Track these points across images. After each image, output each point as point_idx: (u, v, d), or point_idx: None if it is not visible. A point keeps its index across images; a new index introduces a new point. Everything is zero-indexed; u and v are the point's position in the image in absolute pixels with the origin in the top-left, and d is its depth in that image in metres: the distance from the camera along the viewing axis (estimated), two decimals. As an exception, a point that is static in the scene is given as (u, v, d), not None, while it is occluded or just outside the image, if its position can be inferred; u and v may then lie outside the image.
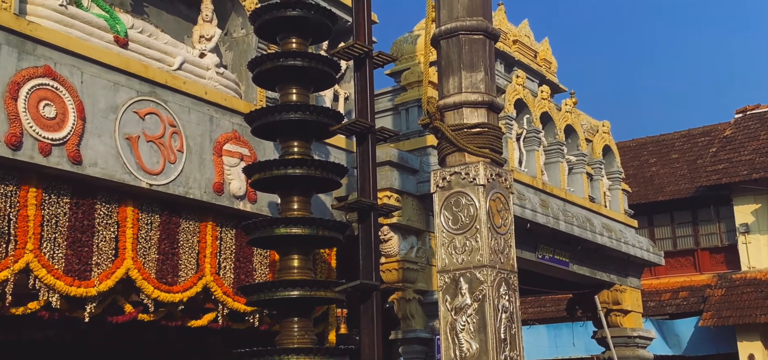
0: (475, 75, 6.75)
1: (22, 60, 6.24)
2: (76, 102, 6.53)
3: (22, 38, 6.26)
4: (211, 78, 8.04)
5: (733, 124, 19.73)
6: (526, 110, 11.28)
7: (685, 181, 19.56)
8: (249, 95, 8.45)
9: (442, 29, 6.98)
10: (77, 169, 6.49)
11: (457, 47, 6.84)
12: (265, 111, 7.21)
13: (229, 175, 7.78)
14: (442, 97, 6.91)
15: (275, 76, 7.27)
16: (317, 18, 7.21)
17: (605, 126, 13.48)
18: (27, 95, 6.20)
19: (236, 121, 7.97)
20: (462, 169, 6.51)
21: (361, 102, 7.71)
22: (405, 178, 9.11)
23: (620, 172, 13.81)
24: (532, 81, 12.41)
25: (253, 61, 7.31)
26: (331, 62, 7.37)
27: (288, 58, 7.08)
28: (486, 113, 6.74)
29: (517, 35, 12.31)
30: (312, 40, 7.61)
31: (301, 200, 7.17)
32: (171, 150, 7.26)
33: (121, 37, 7.19)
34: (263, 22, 7.26)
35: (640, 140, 22.03)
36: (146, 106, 7.13)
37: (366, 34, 7.73)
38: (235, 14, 8.62)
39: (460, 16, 6.86)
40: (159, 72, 7.36)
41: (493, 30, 6.98)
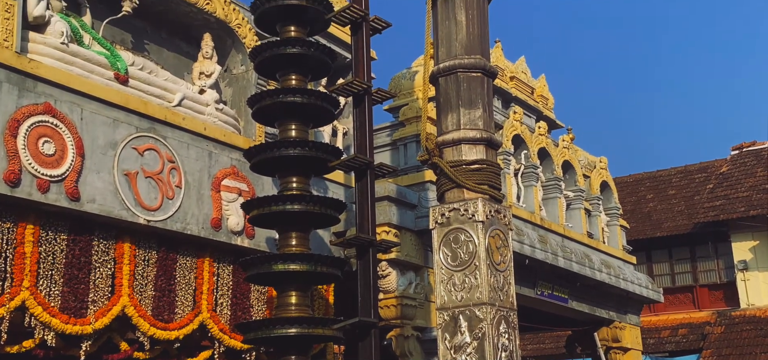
0: (474, 112, 6.80)
1: (23, 97, 6.27)
2: (75, 138, 6.54)
3: (22, 76, 6.29)
4: (210, 114, 8.07)
5: (730, 160, 19.83)
6: (524, 146, 11.33)
7: (683, 218, 19.58)
8: (248, 131, 8.48)
9: (440, 67, 7.05)
10: (75, 206, 6.47)
11: (455, 85, 6.90)
12: (264, 147, 7.23)
13: (227, 211, 7.77)
14: (441, 133, 6.94)
15: (274, 112, 7.30)
16: (316, 55, 7.27)
17: (602, 162, 13.54)
18: (27, 132, 6.22)
19: (235, 157, 7.98)
20: (461, 205, 6.51)
21: (360, 138, 7.73)
22: (403, 214, 9.10)
23: (618, 208, 13.82)
24: (530, 117, 12.50)
25: (252, 97, 7.35)
26: (330, 99, 7.41)
27: (287, 95, 7.12)
28: (484, 150, 6.77)
29: (514, 72, 12.43)
30: (311, 77, 7.67)
31: (299, 236, 7.14)
32: (169, 186, 7.25)
33: (121, 74, 7.23)
34: (263, 59, 7.32)
35: (638, 176, 22.11)
36: (145, 142, 7.14)
37: (365, 71, 7.78)
38: (234, 51, 8.69)
39: (458, 54, 6.94)
40: (159, 108, 7.39)
41: (490, 68, 7.05)
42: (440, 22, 7.17)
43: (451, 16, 7.06)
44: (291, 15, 7.28)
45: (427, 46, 7.33)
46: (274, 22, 7.41)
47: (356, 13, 7.66)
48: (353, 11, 7.64)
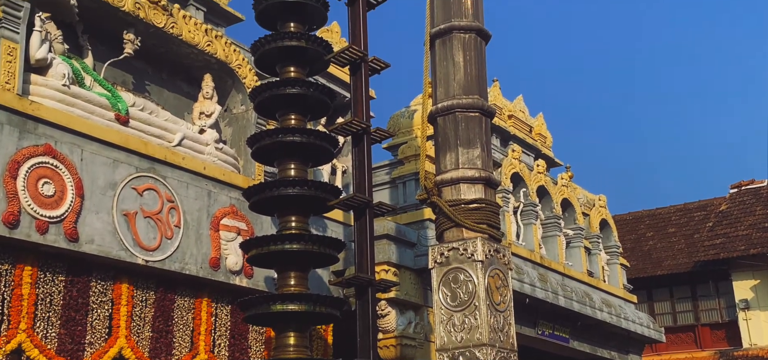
0: (472, 151, 6.83)
1: (23, 139, 6.30)
2: (75, 179, 6.55)
3: (23, 118, 6.34)
4: (210, 153, 8.10)
5: (729, 198, 19.83)
6: (523, 184, 11.35)
7: (683, 256, 19.51)
8: (247, 169, 8.50)
9: (438, 107, 7.10)
10: (73, 247, 6.45)
11: (453, 124, 6.94)
12: (263, 186, 7.24)
13: (226, 250, 7.74)
14: (439, 172, 6.96)
15: (274, 151, 7.33)
16: (316, 95, 7.33)
17: (601, 200, 13.55)
18: (27, 173, 6.23)
19: (234, 196, 7.99)
20: (460, 244, 6.50)
21: (359, 177, 7.75)
22: (403, 252, 9.08)
23: (618, 247, 13.79)
24: (528, 155, 12.54)
25: (252, 137, 7.39)
26: (329, 138, 7.45)
27: (287, 135, 7.15)
28: (483, 189, 6.78)
29: (513, 110, 12.52)
30: (310, 116, 7.71)
31: (298, 276, 7.11)
32: (168, 225, 7.25)
33: (122, 115, 7.28)
34: (263, 99, 7.37)
35: (637, 214, 22.09)
36: (145, 182, 7.15)
37: (364, 111, 7.84)
38: (235, 91, 8.76)
39: (456, 94, 6.99)
40: (158, 148, 7.43)
41: (488, 108, 7.10)
42: (438, 63, 7.25)
43: (448, 57, 7.13)
44: (291, 56, 7.36)
45: (425, 85, 7.39)
46: (273, 63, 7.49)
47: (355, 54, 7.74)
48: (352, 52, 7.72)
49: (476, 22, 7.18)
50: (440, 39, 7.23)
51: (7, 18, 6.39)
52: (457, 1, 7.17)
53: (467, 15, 7.14)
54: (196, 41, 8.17)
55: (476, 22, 7.18)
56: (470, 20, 7.14)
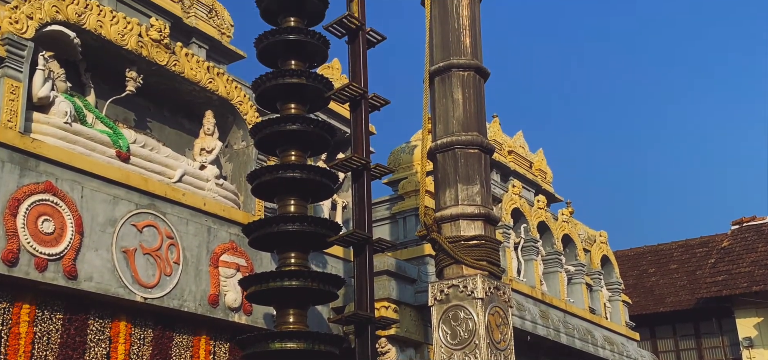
0: (471, 188, 6.83)
1: (24, 176, 6.33)
2: (74, 216, 6.56)
3: (25, 156, 6.37)
4: (210, 189, 8.12)
5: (731, 235, 19.76)
6: (523, 219, 11.34)
7: (686, 293, 19.37)
8: (248, 205, 8.51)
9: (438, 143, 7.12)
10: (72, 284, 6.43)
11: (453, 161, 6.96)
12: (263, 222, 7.23)
13: (225, 287, 7.71)
14: (439, 209, 6.96)
15: (274, 187, 7.34)
16: (316, 132, 7.37)
17: (602, 236, 13.51)
18: (27, 211, 6.24)
19: (234, 232, 7.98)
20: (460, 281, 6.46)
21: (359, 213, 7.75)
22: (403, 288, 9.03)
23: (619, 283, 13.70)
24: (529, 190, 12.54)
25: (252, 173, 7.41)
26: (329, 174, 7.47)
27: (287, 171, 7.17)
28: (483, 225, 6.77)
29: (512, 146, 12.55)
30: (311, 152, 7.74)
31: (297, 313, 7.06)
32: (167, 262, 7.23)
33: (123, 152, 7.32)
34: (263, 135, 7.41)
35: (639, 249, 22.00)
36: (145, 219, 7.16)
37: (364, 147, 7.86)
38: (236, 127, 8.81)
39: (456, 130, 7.02)
40: (159, 184, 7.45)
41: (488, 144, 7.13)
42: (438, 100, 7.29)
43: (448, 94, 7.18)
44: (291, 93, 7.42)
45: (424, 122, 7.43)
46: (274, 100, 7.54)
47: (355, 91, 7.80)
48: (352, 89, 7.78)
49: (475, 60, 7.24)
50: (439, 76, 7.29)
51: (11, 57, 6.47)
52: (455, 39, 7.25)
53: (466, 53, 7.21)
54: (198, 78, 8.25)
55: (475, 60, 7.24)
56: (469, 58, 7.21)
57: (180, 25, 8.79)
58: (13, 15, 6.51)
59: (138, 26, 7.66)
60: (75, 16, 7.08)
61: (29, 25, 6.61)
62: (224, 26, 9.43)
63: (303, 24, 7.54)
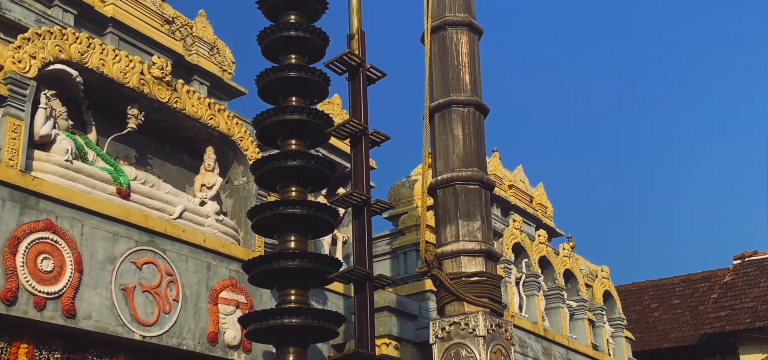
0: (472, 224, 6.82)
1: (24, 214, 6.32)
2: (74, 254, 6.54)
3: (25, 194, 6.37)
4: (210, 225, 8.10)
5: (733, 270, 19.64)
6: (525, 254, 11.29)
7: (689, 328, 19.19)
8: (248, 241, 8.48)
9: (438, 179, 7.13)
10: (71, 323, 6.38)
11: (453, 196, 6.97)
12: (263, 259, 7.20)
13: (225, 324, 7.65)
14: (440, 245, 6.94)
15: (274, 224, 7.32)
16: (316, 167, 7.37)
17: (604, 271, 13.45)
18: (26, 249, 6.22)
19: (234, 268, 7.94)
20: (461, 319, 6.42)
21: (359, 249, 7.72)
22: (404, 324, 8.96)
23: (622, 319, 13.60)
24: (529, 225, 12.52)
25: (252, 209, 7.40)
26: (329, 210, 7.46)
27: (287, 207, 7.16)
28: (484, 262, 6.74)
29: (513, 180, 12.56)
30: (311, 188, 7.74)
31: (297, 351, 6.99)
32: (166, 300, 7.18)
33: (123, 189, 7.32)
34: (264, 172, 7.42)
35: (640, 284, 21.86)
36: (144, 256, 7.13)
37: (364, 183, 7.87)
38: (236, 163, 8.83)
39: (456, 166, 7.04)
40: (159, 221, 7.44)
41: (488, 180, 7.14)
42: (438, 136, 7.33)
43: (448, 130, 7.22)
44: (292, 129, 7.44)
45: (425, 158, 7.45)
46: (275, 136, 7.57)
47: (355, 127, 7.83)
48: (352, 126, 7.81)
49: (474, 96, 7.30)
50: (439, 113, 7.33)
51: (13, 96, 6.51)
52: (455, 76, 7.31)
53: (465, 90, 7.26)
54: (199, 115, 8.29)
55: (474, 97, 7.30)
56: (469, 95, 7.26)
57: (182, 62, 8.86)
58: (16, 54, 6.57)
59: (140, 64, 7.72)
60: (78, 55, 7.14)
61: (32, 65, 6.66)
62: (226, 63, 9.51)
63: (304, 61, 7.61)
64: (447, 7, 7.44)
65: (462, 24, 7.39)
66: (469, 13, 7.50)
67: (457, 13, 7.40)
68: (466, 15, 7.44)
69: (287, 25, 7.49)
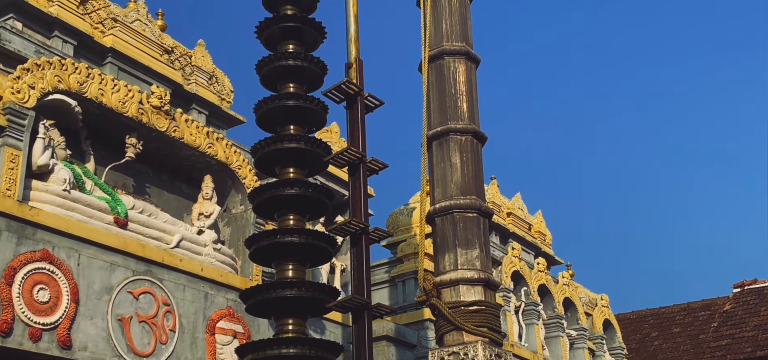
0: (471, 252, 6.80)
1: (21, 245, 6.30)
2: (70, 284, 6.51)
3: (22, 224, 6.37)
4: (207, 254, 8.08)
5: (733, 298, 19.55)
6: (524, 283, 11.25)
7: (689, 357, 19.03)
8: (245, 270, 8.44)
9: (436, 207, 7.13)
10: (66, 355, 6.33)
11: (451, 225, 6.95)
12: (260, 288, 7.15)
13: (222, 354, 7.58)
14: (438, 273, 6.91)
15: (272, 252, 7.29)
16: (314, 196, 7.36)
17: (604, 300, 13.38)
18: (22, 280, 6.19)
19: (231, 298, 7.90)
20: (460, 349, 6.37)
21: (357, 278, 7.67)
22: (403, 353, 8.89)
23: (622, 348, 13.50)
24: (528, 253, 12.48)
25: (250, 238, 7.37)
26: (327, 239, 7.43)
27: (285, 235, 7.13)
28: (483, 291, 6.71)
29: (511, 208, 12.55)
30: (309, 217, 7.73)
31: (295, 382, 6.91)
32: (163, 330, 7.12)
33: (121, 218, 7.31)
34: (262, 200, 7.41)
35: (640, 312, 21.73)
36: (141, 286, 7.09)
37: (362, 211, 7.85)
38: (234, 191, 8.83)
39: (454, 195, 7.04)
40: (156, 250, 7.41)
41: (486, 208, 7.13)
42: (436, 164, 7.34)
43: (446, 158, 7.23)
44: (290, 157, 7.45)
45: (423, 186, 7.45)
46: (273, 164, 7.57)
47: (353, 155, 7.84)
48: (350, 154, 7.82)
49: (472, 124, 7.32)
50: (437, 141, 7.35)
51: (12, 126, 6.52)
52: (453, 104, 7.34)
53: (463, 118, 7.29)
54: (198, 144, 8.30)
55: (472, 125, 7.32)
56: (466, 123, 7.29)
57: (181, 91, 8.90)
58: (15, 85, 6.60)
59: (139, 94, 7.75)
60: (77, 85, 7.18)
61: (31, 95, 6.69)
62: (224, 92, 9.55)
63: (302, 90, 7.64)
64: (444, 36, 7.50)
65: (459, 53, 7.44)
66: (467, 42, 7.56)
67: (455, 42, 7.45)
68: (463, 44, 7.49)
69: (285, 55, 7.54)
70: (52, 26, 7.80)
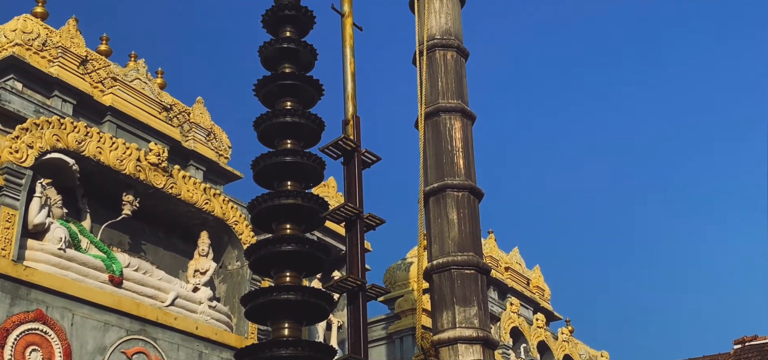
0: (469, 310, 6.75)
1: (15, 305, 6.24)
2: (63, 345, 6.41)
3: (16, 284, 6.32)
4: (203, 312, 7.99)
5: (733, 354, 19.31)
6: (523, 339, 11.11)
7: (692, 415, 18.70)
8: (241, 328, 8.34)
9: (434, 264, 7.10)
10: (56, 417, 6.20)
11: (449, 282, 6.92)
12: (256, 348, 7.04)
13: (216, 415, 7.43)
14: (436, 331, 6.84)
15: (268, 310, 7.21)
16: (311, 252, 7.32)
17: (604, 356, 13.22)
18: (15, 342, 6.11)
19: (226, 357, 7.78)
20: (459, 409, 6.26)
21: (354, 336, 7.58)
22: (400, 414, 8.71)
23: (624, 405, 13.28)
24: (527, 308, 12.37)
25: (246, 296, 7.29)
26: (324, 296, 7.36)
27: (281, 293, 7.06)
28: (481, 350, 6.64)
29: (509, 262, 12.49)
30: (306, 273, 7.67)
31: None
32: (157, 390, 7.00)
33: (116, 277, 7.26)
34: (258, 257, 7.36)
35: (642, 367, 21.42)
36: (135, 346, 6.99)
37: (359, 267, 7.80)
38: (231, 247, 8.78)
39: (451, 251, 7.03)
40: (151, 309, 7.33)
41: (484, 265, 7.11)
42: (433, 220, 7.34)
43: (443, 214, 7.24)
44: (287, 213, 7.42)
45: (420, 242, 7.44)
46: (270, 220, 7.54)
47: (350, 211, 7.83)
48: (347, 210, 7.81)
49: (469, 180, 7.36)
50: (434, 197, 7.38)
51: (9, 186, 6.53)
52: (449, 160, 7.39)
53: (460, 174, 7.33)
54: (195, 200, 8.30)
55: (469, 181, 7.35)
56: (463, 179, 7.32)
57: (179, 148, 8.94)
58: (13, 145, 6.63)
59: (137, 151, 7.79)
60: (75, 144, 7.21)
61: (29, 154, 6.71)
62: (222, 148, 9.60)
63: (299, 146, 7.67)
64: (440, 93, 7.60)
65: (455, 110, 7.53)
66: (462, 99, 7.65)
67: (450, 99, 7.55)
68: (459, 101, 7.58)
69: (283, 111, 7.60)
70: (52, 86, 7.88)
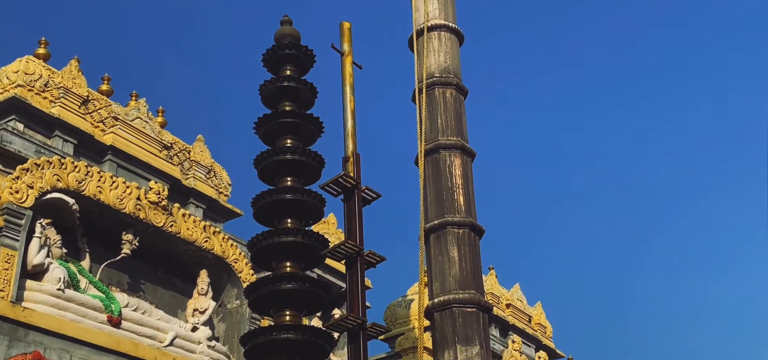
0: (471, 349, 6.68)
1: (13, 347, 6.18)
2: (60, 386, 6.34)
3: (15, 325, 6.28)
4: (202, 352, 7.91)
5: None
6: (525, 377, 10.98)
7: None
8: (240, 368, 8.24)
9: (435, 302, 7.05)
10: None
11: (450, 320, 6.86)
12: (256, 388, 6.96)
13: None
14: (438, 371, 6.76)
15: (268, 349, 7.13)
16: (311, 290, 7.27)
17: (608, 392, 13.05)
18: (10, 385, 6.04)
19: (225, 398, 7.68)
20: None
21: (355, 375, 7.49)
22: None
23: None
24: (529, 346, 12.24)
25: (245, 335, 7.22)
26: (324, 335, 7.29)
27: (281, 332, 6.99)
28: (484, 389, 6.55)
29: (510, 299, 12.40)
30: (306, 312, 7.61)
31: None
32: (154, 433, 6.89)
33: (114, 317, 7.20)
34: (258, 295, 7.31)
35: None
36: (133, 386, 6.91)
37: (359, 306, 7.74)
38: (230, 285, 8.73)
39: (453, 289, 6.98)
40: (149, 349, 7.26)
41: (485, 303, 7.05)
42: (433, 257, 7.31)
43: (443, 252, 7.21)
44: (286, 251, 7.39)
45: (421, 280, 7.39)
46: (270, 258, 7.51)
47: (351, 248, 7.80)
48: (347, 247, 7.78)
49: (469, 217, 7.34)
50: (435, 234, 7.35)
51: (9, 226, 6.52)
52: (449, 197, 7.38)
53: (460, 211, 7.31)
54: (194, 238, 8.28)
55: (469, 218, 7.34)
56: (463, 216, 7.31)
57: (179, 186, 8.95)
58: (13, 185, 6.63)
59: (137, 190, 7.79)
60: (75, 183, 7.21)
61: (29, 194, 6.71)
62: (222, 186, 9.60)
63: (299, 183, 7.68)
64: (440, 131, 7.63)
65: (455, 147, 7.54)
66: (462, 136, 7.68)
67: (450, 136, 7.57)
68: (458, 138, 7.61)
69: (283, 149, 7.61)
70: (53, 126, 7.92)
